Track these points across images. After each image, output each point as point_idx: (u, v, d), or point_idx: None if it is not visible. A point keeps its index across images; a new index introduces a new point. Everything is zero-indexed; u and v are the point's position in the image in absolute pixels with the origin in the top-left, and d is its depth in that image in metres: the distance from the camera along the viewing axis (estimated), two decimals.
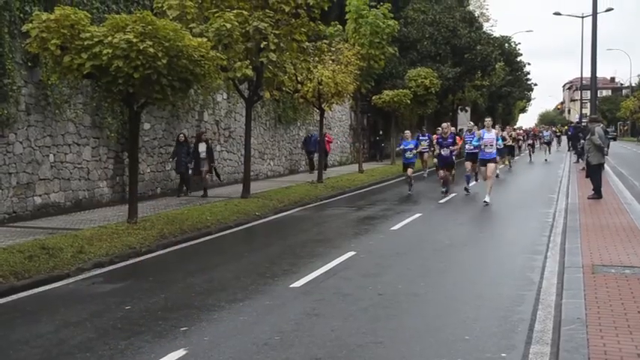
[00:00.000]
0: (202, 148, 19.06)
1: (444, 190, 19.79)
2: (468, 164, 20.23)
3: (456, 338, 6.53)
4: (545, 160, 37.70)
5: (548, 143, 42.17)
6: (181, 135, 19.01)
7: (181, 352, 6.19)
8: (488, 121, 18.62)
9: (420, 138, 27.14)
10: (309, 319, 7.32)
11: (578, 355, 5.59)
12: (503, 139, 26.02)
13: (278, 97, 24.76)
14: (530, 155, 39.82)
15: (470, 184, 20.23)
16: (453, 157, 20.09)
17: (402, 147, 22.20)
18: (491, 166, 17.67)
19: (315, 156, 27.45)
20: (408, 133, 22.50)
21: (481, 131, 18.30)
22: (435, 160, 21.80)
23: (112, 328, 7.06)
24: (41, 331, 7.03)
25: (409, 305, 7.91)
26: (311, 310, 7.64)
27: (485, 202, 16.98)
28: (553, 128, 71.19)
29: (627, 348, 5.72)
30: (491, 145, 17.61)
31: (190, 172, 18.98)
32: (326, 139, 28.68)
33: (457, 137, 21.23)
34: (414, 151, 22.22)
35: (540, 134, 48.92)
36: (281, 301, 8.09)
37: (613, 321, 6.50)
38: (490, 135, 17.86)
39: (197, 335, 6.72)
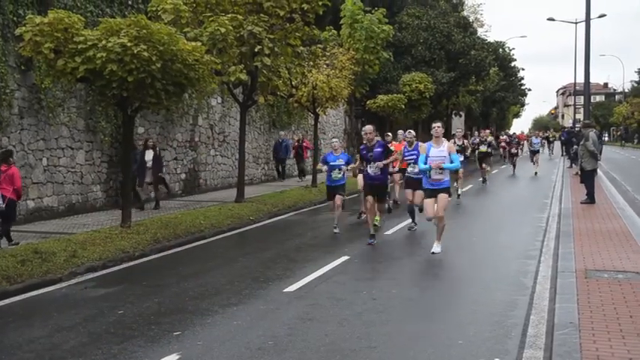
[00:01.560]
0: (149, 156, 16.94)
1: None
2: (409, 193, 13.91)
3: (450, 343, 6.53)
4: (535, 173, 29.71)
5: (535, 153, 31.95)
6: (140, 142, 17.31)
7: (174, 357, 6.18)
8: (437, 128, 11.32)
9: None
10: (302, 323, 7.31)
11: (570, 359, 5.60)
12: (463, 148, 21.16)
13: (272, 101, 24.78)
14: (514, 166, 32.00)
15: (415, 221, 14.21)
16: (387, 177, 13.12)
17: (324, 164, 14.78)
18: (442, 198, 11.29)
19: (311, 162, 27.27)
20: (335, 142, 15.02)
21: (426, 145, 11.55)
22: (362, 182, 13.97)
23: (105, 333, 7.04)
24: (34, 335, 7.00)
25: (403, 310, 7.91)
26: (305, 315, 7.63)
27: (433, 252, 11.24)
28: (546, 133, 66.80)
29: (620, 352, 5.73)
30: (441, 171, 11.19)
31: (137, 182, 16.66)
32: (304, 144, 27.57)
33: (391, 145, 14.75)
34: (346, 169, 14.62)
35: (528, 141, 40.93)
36: (275, 305, 8.08)
37: (606, 325, 6.52)
38: (439, 151, 11.23)
39: (190, 340, 6.70)
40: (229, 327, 7.17)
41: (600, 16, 40.44)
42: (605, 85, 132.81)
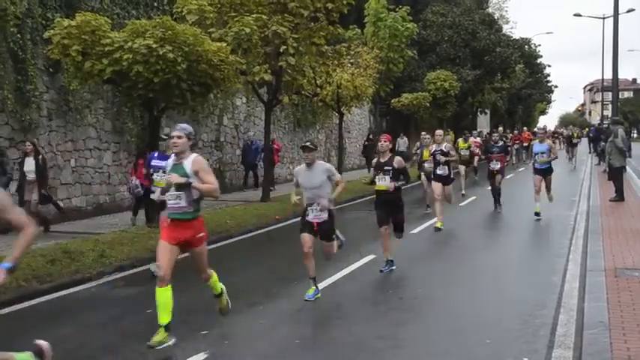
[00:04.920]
0: (29, 166, 12.75)
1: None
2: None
3: (478, 342, 6.48)
4: (537, 215, 15.09)
5: (543, 173, 15.33)
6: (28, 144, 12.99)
7: (202, 356, 6.21)
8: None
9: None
10: (329, 322, 7.31)
11: (601, 359, 5.53)
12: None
13: (297, 100, 24.82)
14: (495, 199, 16.98)
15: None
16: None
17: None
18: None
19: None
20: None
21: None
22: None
23: (134, 332, 7.10)
24: (64, 333, 7.08)
25: (430, 309, 7.87)
26: (331, 314, 7.63)
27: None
28: (567, 130, 47.81)
29: None
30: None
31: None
32: (274, 146, 22.11)
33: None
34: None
35: (529, 147, 31.47)
36: (301, 304, 8.09)
37: (637, 324, 6.42)
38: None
39: (217, 339, 6.73)
40: (256, 326, 7.19)
41: (629, 11, 39.84)
42: (634, 80, 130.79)
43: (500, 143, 17.84)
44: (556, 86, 71.37)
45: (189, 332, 6.98)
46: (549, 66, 66.17)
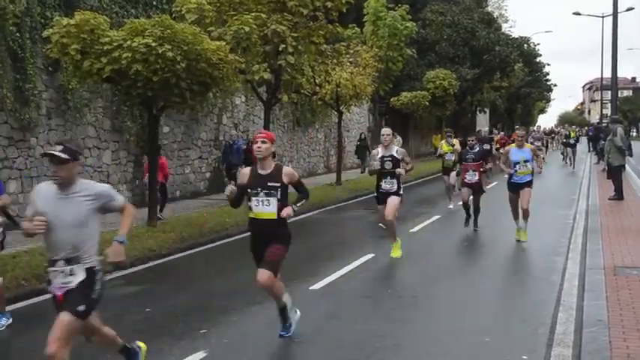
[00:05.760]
0: None
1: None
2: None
3: (477, 341, 6.49)
4: (518, 241, 12.15)
5: (520, 187, 12.02)
6: None
7: (201, 355, 6.21)
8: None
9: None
10: (328, 321, 7.31)
11: (600, 357, 5.54)
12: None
13: (296, 99, 24.79)
14: (468, 214, 13.77)
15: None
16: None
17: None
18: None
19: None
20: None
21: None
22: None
23: (133, 331, 7.09)
24: None
25: (429, 308, 7.87)
26: (330, 313, 7.63)
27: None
28: (562, 130, 43.55)
29: None
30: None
31: None
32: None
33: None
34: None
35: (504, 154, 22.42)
36: (300, 303, 8.08)
37: (636, 322, 6.43)
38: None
39: (216, 337, 6.73)
40: (255, 325, 7.19)
41: (628, 10, 39.82)
42: (633, 79, 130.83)
43: (477, 149, 14.04)
44: (555, 85, 71.42)
45: (189, 331, 6.98)
46: (548, 65, 66.21)
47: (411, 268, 10.13)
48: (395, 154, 10.51)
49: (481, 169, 13.79)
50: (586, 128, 63.53)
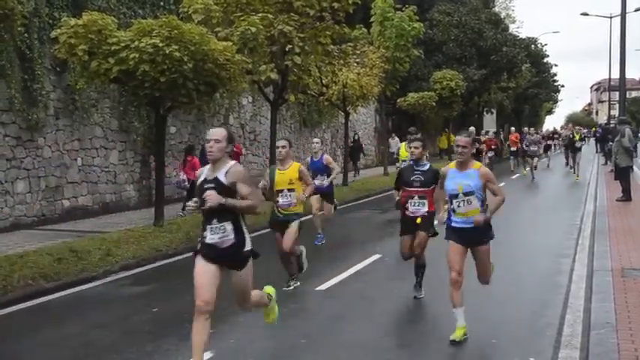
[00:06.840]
0: None
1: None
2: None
3: (484, 342, 6.47)
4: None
5: (474, 239, 7.31)
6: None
7: (208, 355, 6.20)
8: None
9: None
10: (334, 322, 7.31)
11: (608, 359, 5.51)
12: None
13: (303, 100, 24.81)
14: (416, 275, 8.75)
15: None
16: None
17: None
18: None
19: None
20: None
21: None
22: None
23: (139, 331, 7.11)
24: (69, 332, 7.10)
25: (435, 309, 7.85)
26: (336, 313, 7.62)
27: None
28: (565, 131, 37.15)
29: None
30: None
31: None
32: (235, 150, 19.18)
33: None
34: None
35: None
36: (306, 304, 8.09)
37: None
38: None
39: (223, 338, 6.73)
40: (261, 325, 7.17)
41: (636, 10, 39.69)
42: None
43: (427, 166, 8.39)
44: (563, 86, 70.96)
45: None
46: (556, 65, 65.72)
47: None
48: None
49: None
50: (593, 129, 63.19)
